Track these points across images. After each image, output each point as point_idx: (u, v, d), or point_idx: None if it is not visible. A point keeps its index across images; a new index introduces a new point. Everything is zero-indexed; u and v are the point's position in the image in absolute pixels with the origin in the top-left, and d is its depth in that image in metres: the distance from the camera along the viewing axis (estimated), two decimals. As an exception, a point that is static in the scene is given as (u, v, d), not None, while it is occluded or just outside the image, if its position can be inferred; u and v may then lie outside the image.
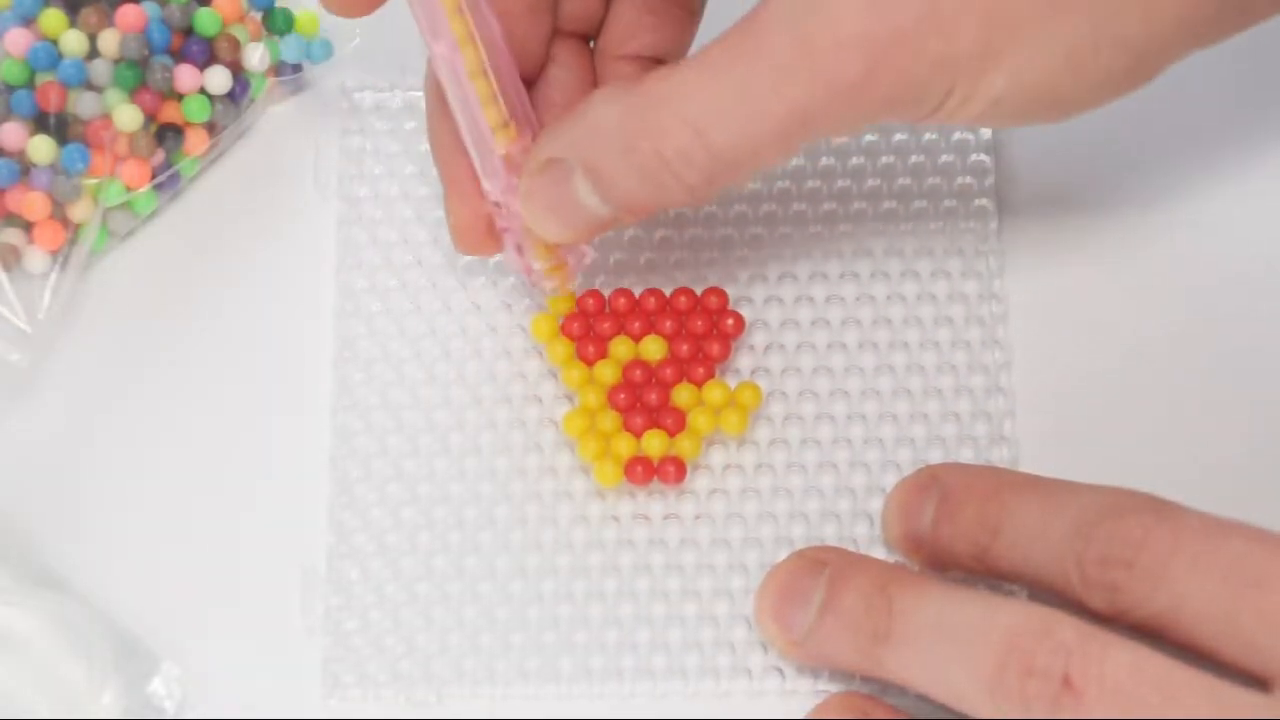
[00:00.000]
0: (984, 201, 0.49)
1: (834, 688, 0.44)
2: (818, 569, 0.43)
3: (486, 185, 0.44)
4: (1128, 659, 0.36)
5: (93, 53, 0.49)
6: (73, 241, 0.48)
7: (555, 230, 0.43)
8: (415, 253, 0.49)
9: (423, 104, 0.50)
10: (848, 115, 0.39)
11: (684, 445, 0.46)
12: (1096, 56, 0.39)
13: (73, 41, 0.48)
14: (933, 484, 0.43)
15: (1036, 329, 0.48)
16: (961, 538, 0.42)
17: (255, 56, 0.50)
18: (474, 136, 0.43)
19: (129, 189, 0.48)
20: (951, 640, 0.39)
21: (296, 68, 0.51)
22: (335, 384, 0.48)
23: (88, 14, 0.49)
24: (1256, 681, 0.36)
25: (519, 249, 0.45)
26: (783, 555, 0.45)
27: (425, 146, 0.50)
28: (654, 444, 0.46)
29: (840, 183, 0.49)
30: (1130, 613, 0.38)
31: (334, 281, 0.49)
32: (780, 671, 0.44)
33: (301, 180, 0.50)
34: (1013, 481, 0.42)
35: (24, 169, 0.48)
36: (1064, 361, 0.47)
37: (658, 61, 0.45)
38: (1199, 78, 0.47)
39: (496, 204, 0.44)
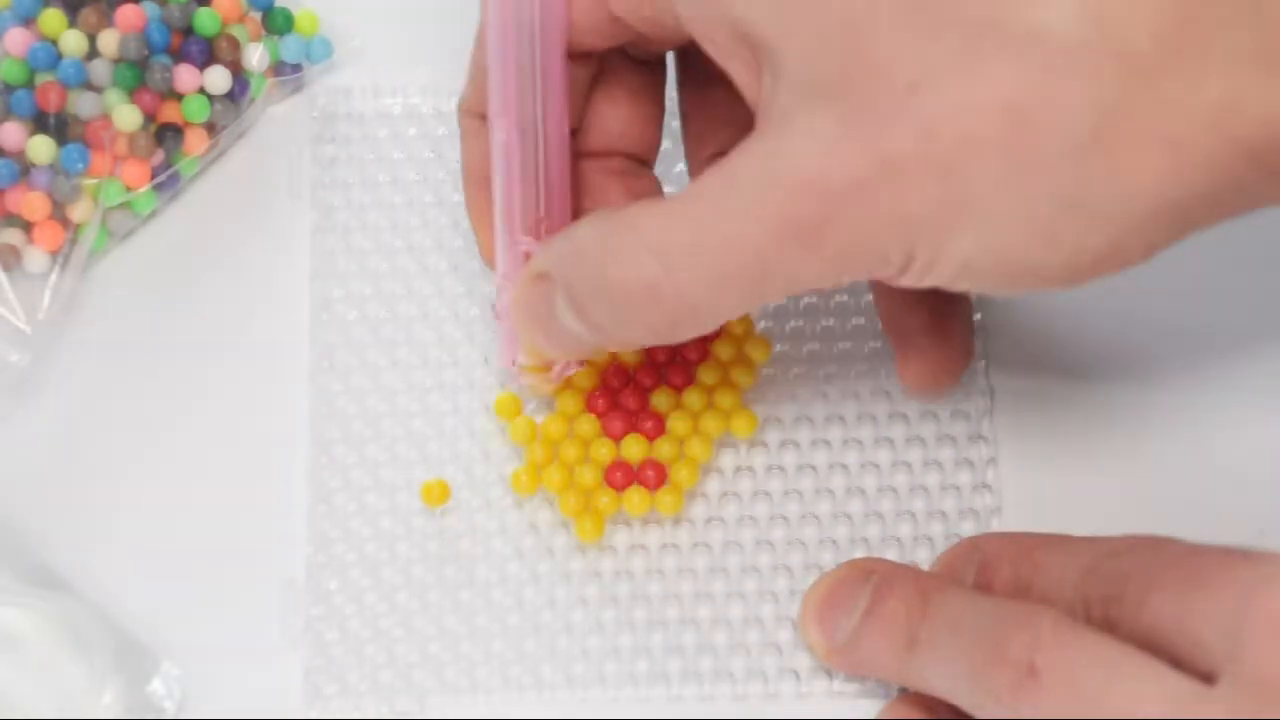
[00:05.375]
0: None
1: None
2: (865, 577, 0.42)
3: (500, 269, 0.43)
4: (1090, 643, 0.36)
5: (92, 53, 0.48)
6: (73, 241, 0.48)
7: (540, 344, 0.42)
8: (390, 260, 0.49)
9: (394, 112, 0.50)
10: (810, 265, 0.37)
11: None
12: (1067, 227, 0.35)
13: (72, 41, 0.48)
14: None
15: (1013, 333, 0.48)
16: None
17: (255, 56, 0.50)
18: (505, 220, 0.43)
19: (129, 189, 0.48)
20: (959, 641, 0.39)
21: (296, 68, 0.51)
22: (312, 393, 0.47)
23: (87, 14, 0.48)
24: (1203, 678, 0.36)
25: (509, 339, 0.44)
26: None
27: (399, 154, 0.50)
28: (633, 451, 0.45)
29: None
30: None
31: (308, 290, 0.49)
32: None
33: (297, 182, 0.50)
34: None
35: (24, 169, 0.48)
36: (1042, 363, 0.48)
37: (634, 159, 0.45)
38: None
39: (501, 288, 0.44)
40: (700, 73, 0.43)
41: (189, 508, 0.46)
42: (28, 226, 0.48)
